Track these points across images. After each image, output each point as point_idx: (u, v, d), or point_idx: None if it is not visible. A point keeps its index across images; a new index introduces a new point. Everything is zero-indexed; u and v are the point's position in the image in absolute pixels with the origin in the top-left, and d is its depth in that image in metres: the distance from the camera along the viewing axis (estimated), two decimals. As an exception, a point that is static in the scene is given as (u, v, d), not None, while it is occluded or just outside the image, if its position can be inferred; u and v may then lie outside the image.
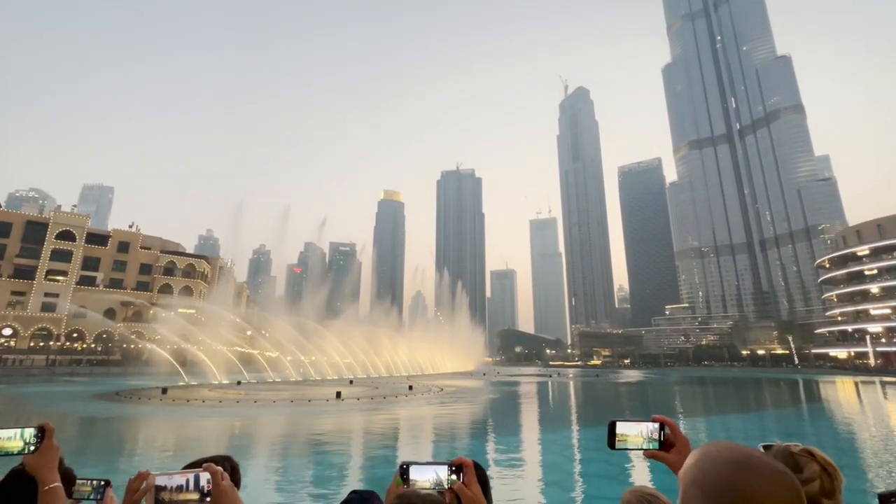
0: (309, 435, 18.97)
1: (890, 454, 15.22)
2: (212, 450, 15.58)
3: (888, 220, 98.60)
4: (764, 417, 27.54)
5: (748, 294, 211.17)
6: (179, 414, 24.05)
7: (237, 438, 17.97)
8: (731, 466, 1.03)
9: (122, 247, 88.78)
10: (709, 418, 26.96)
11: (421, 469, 1.51)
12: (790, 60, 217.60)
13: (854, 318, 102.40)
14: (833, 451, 16.02)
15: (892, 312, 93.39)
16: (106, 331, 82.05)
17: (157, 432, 19.43)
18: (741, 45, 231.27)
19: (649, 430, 1.67)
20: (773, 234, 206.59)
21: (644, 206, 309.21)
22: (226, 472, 1.46)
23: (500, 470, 12.94)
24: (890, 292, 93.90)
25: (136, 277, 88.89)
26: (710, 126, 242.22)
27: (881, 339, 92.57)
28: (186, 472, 1.37)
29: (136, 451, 15.56)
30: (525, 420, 25.59)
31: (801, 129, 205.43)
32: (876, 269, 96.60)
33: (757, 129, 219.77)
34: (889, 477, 12.18)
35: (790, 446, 1.43)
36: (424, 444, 17.48)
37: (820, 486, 1.32)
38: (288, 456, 14.88)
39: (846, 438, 19.09)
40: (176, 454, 14.46)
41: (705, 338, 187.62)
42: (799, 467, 1.36)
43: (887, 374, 77.71)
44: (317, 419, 22.82)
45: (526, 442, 18.45)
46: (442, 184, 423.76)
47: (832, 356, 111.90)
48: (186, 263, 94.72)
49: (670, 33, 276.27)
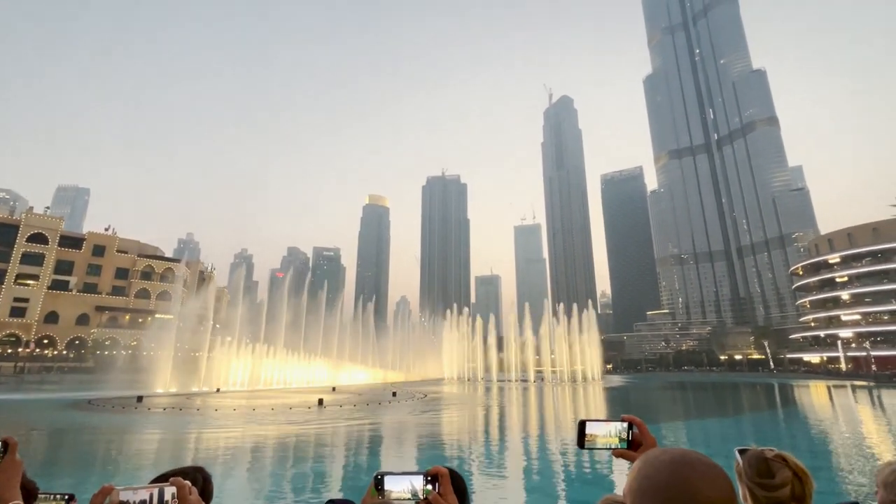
0: (288, 443, 18.65)
1: (862, 458, 15.69)
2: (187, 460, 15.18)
3: (857, 229, 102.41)
4: (742, 421, 28.12)
5: (726, 300, 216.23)
6: (155, 423, 23.38)
7: (214, 448, 17.54)
8: (669, 465, 1.12)
9: (98, 250, 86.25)
10: (688, 422, 27.39)
11: (396, 479, 1.49)
12: (765, 74, 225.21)
13: (826, 323, 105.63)
14: (807, 454, 16.48)
15: (862, 318, 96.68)
16: (78, 337, 79.44)
17: (129, 443, 18.82)
18: (719, 59, 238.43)
19: (618, 429, 1.70)
20: (749, 241, 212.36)
21: (626, 213, 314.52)
22: (197, 483, 1.40)
23: (483, 477, 12.91)
24: (859, 299, 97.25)
25: (111, 282, 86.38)
26: (690, 136, 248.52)
27: (851, 345, 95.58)
28: (152, 486, 1.31)
29: (107, 463, 15.04)
30: (509, 425, 25.61)
31: (775, 141, 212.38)
32: (846, 277, 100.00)
33: (734, 139, 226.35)
34: (861, 478, 12.54)
35: (765, 451, 1.48)
36: (407, 452, 17.33)
37: (791, 491, 1.37)
38: (265, 465, 14.58)
39: (819, 441, 19.62)
40: (148, 466, 14.04)
41: (685, 343, 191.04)
42: (772, 472, 1.41)
43: (857, 378, 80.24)
44: (297, 427, 22.45)
45: (510, 447, 18.46)
46: (427, 189, 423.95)
47: (806, 361, 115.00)
48: (165, 268, 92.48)
49: (651, 45, 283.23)
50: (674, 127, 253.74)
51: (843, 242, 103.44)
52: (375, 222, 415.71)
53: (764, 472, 1.42)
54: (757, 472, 1.44)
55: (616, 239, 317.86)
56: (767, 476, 1.41)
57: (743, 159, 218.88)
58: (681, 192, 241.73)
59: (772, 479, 1.40)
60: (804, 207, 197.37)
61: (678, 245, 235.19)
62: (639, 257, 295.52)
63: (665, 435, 21.38)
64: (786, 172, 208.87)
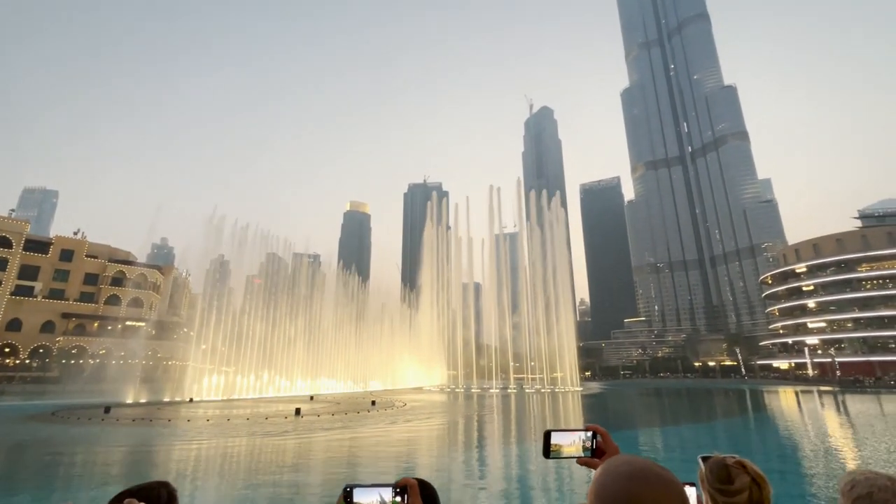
0: (262, 455, 18.20)
1: (827, 461, 16.27)
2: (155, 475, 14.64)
3: (822, 240, 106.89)
4: (714, 427, 28.78)
5: (700, 308, 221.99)
6: (123, 435, 22.51)
7: (185, 461, 16.98)
8: (626, 479, 1.15)
9: (65, 255, 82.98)
10: (664, 429, 27.90)
11: (365, 491, 1.48)
12: (735, 90, 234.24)
13: (794, 331, 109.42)
14: (776, 459, 16.99)
15: (827, 326, 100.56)
16: (43, 345, 76.00)
17: (94, 457, 18.03)
18: (692, 74, 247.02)
19: (582, 438, 1.72)
20: (721, 251, 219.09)
21: (604, 222, 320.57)
22: (161, 500, 1.36)
23: (458, 487, 12.87)
24: (824, 307, 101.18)
25: (79, 288, 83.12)
26: (665, 148, 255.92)
27: (818, 351, 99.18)
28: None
29: (70, 479, 14.39)
30: (488, 434, 25.60)
31: (745, 154, 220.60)
32: (812, 286, 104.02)
33: (707, 152, 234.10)
34: (826, 481, 12.99)
35: (725, 458, 1.54)
36: (383, 463, 17.13)
37: (749, 497, 1.43)
38: (238, 478, 14.20)
39: (788, 446, 20.25)
40: (114, 482, 13.49)
41: (661, 350, 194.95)
42: (731, 478, 1.48)
43: (823, 384, 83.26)
44: (272, 438, 21.96)
45: (489, 456, 18.45)
46: (409, 196, 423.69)
47: (775, 367, 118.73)
48: (137, 273, 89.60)
49: (628, 60, 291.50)
50: (650, 139, 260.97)
51: (808, 253, 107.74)
52: (356, 229, 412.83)
53: (724, 478, 1.48)
54: (717, 479, 1.50)
55: (594, 248, 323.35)
56: (727, 482, 1.47)
57: (715, 171, 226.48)
58: (657, 203, 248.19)
59: (731, 484, 1.46)
60: (773, 219, 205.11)
61: (654, 254, 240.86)
62: (617, 266, 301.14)
63: (642, 441, 21.72)
64: (755, 185, 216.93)
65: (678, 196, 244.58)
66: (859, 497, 1.46)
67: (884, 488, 1.43)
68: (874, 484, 1.46)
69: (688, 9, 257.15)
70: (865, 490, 1.46)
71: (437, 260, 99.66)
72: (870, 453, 17.46)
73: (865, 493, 1.45)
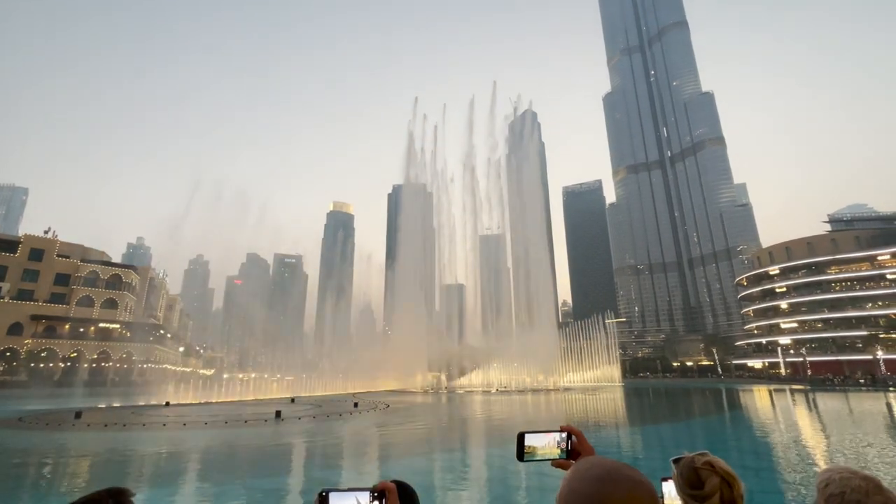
0: (240, 459, 17.83)
1: (799, 457, 16.76)
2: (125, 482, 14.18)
3: (794, 243, 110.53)
4: (692, 425, 29.40)
5: (678, 309, 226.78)
6: (94, 442, 21.74)
7: (159, 466, 16.50)
8: (595, 482, 1.14)
9: (35, 254, 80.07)
10: (644, 428, 28.36)
11: (341, 496, 1.44)
12: (713, 97, 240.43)
13: (767, 331, 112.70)
14: (750, 455, 17.44)
15: (799, 326, 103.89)
16: (10, 348, 73.12)
17: (62, 466, 17.37)
18: (672, 81, 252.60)
19: (556, 440, 1.69)
20: (699, 253, 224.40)
21: (586, 225, 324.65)
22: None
23: (439, 489, 12.83)
24: (796, 308, 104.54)
25: (50, 289, 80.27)
26: (646, 152, 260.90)
27: (790, 351, 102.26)
28: None
29: (35, 489, 13.82)
30: (471, 435, 25.62)
31: (722, 160, 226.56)
32: (785, 287, 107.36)
33: (685, 157, 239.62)
34: (798, 477, 13.37)
35: (694, 460, 1.51)
36: (365, 466, 16.98)
37: (720, 498, 1.42)
38: (214, 483, 13.86)
39: (762, 443, 20.81)
40: (80, 492, 13.03)
41: (641, 350, 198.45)
42: (701, 481, 1.46)
43: (795, 383, 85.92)
44: (251, 441, 21.54)
45: (472, 457, 18.45)
46: (393, 197, 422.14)
47: (750, 366, 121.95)
48: (111, 274, 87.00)
49: (610, 65, 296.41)
50: (631, 143, 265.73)
51: (781, 255, 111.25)
52: (339, 229, 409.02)
53: (694, 482, 1.47)
54: (688, 484, 1.48)
55: (577, 249, 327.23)
56: (697, 486, 1.46)
57: (693, 176, 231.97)
58: (637, 206, 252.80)
59: (701, 489, 1.44)
60: (748, 222, 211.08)
61: (634, 256, 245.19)
62: (598, 267, 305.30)
63: (621, 439, 22.04)
64: (732, 189, 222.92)
65: (658, 199, 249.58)
66: (832, 495, 1.49)
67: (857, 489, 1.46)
68: (848, 484, 1.48)
69: (667, 16, 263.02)
70: (839, 489, 1.48)
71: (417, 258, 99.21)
72: (837, 448, 18.08)
73: (838, 491, 1.48)
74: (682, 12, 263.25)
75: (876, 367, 79.26)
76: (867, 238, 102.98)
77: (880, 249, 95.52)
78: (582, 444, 1.71)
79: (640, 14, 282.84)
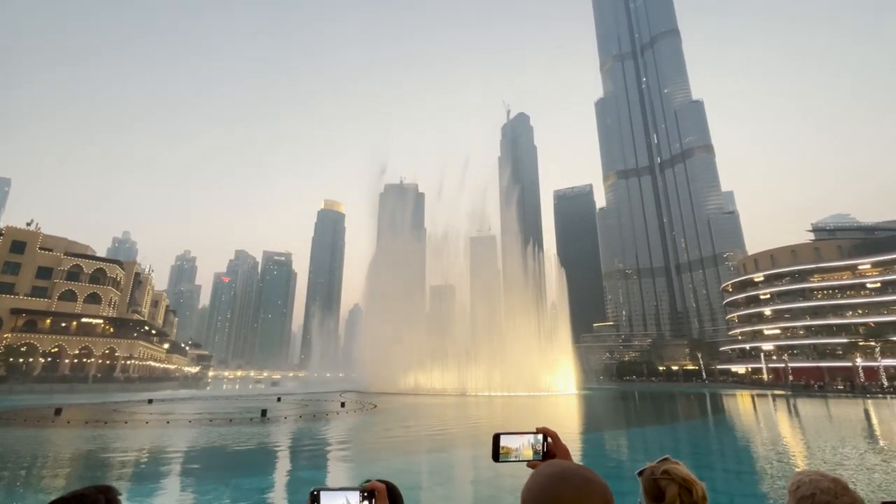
0: (225, 458, 17.63)
1: (779, 460, 17.08)
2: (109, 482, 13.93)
3: (779, 251, 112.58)
4: (676, 429, 29.79)
5: (665, 314, 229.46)
6: (74, 438, 21.36)
7: (140, 464, 16.27)
8: (549, 480, 1.20)
9: (17, 247, 78.33)
10: (630, 431, 28.67)
11: (332, 495, 1.46)
12: (702, 105, 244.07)
13: (751, 337, 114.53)
14: (732, 459, 17.74)
15: (781, 333, 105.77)
16: (-13, 342, 71.40)
17: (40, 464, 17.04)
18: (663, 88, 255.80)
19: (531, 441, 1.69)
20: (686, 259, 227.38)
21: (576, 228, 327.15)
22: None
23: (426, 490, 12.85)
24: (779, 315, 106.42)
25: (31, 282, 78.56)
26: (636, 158, 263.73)
27: (772, 357, 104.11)
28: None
29: (11, 489, 13.54)
30: (457, 436, 25.66)
31: (710, 167, 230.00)
32: (769, 294, 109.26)
33: (674, 164, 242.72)
34: (779, 482, 13.64)
35: (654, 470, 1.54)
36: (351, 466, 16.92)
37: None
38: (197, 482, 13.71)
39: (744, 447, 21.17)
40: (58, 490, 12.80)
41: (628, 354, 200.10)
42: (661, 492, 1.48)
43: (777, 388, 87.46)
44: (236, 440, 21.33)
45: (458, 458, 18.50)
46: (385, 197, 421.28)
47: (734, 372, 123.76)
48: (95, 268, 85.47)
49: (603, 71, 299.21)
50: (622, 148, 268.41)
51: (766, 263, 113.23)
52: (330, 228, 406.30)
53: (655, 493, 1.48)
54: (650, 496, 1.50)
55: (567, 252, 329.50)
56: (659, 497, 1.47)
57: (682, 183, 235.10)
58: (626, 211, 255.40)
59: (663, 500, 1.46)
60: (734, 229, 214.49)
61: (623, 260, 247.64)
62: (587, 271, 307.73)
63: (607, 443, 22.25)
64: (719, 196, 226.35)
65: (647, 205, 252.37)
66: (803, 497, 1.52)
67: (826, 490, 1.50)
68: (818, 486, 1.52)
69: (660, 24, 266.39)
70: (809, 491, 1.52)
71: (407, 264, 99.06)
72: (816, 452, 18.47)
73: (809, 493, 1.51)
74: (675, 20, 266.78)
75: (855, 373, 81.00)
76: (849, 247, 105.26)
77: (861, 259, 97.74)
78: (557, 446, 1.71)
79: (633, 21, 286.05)
